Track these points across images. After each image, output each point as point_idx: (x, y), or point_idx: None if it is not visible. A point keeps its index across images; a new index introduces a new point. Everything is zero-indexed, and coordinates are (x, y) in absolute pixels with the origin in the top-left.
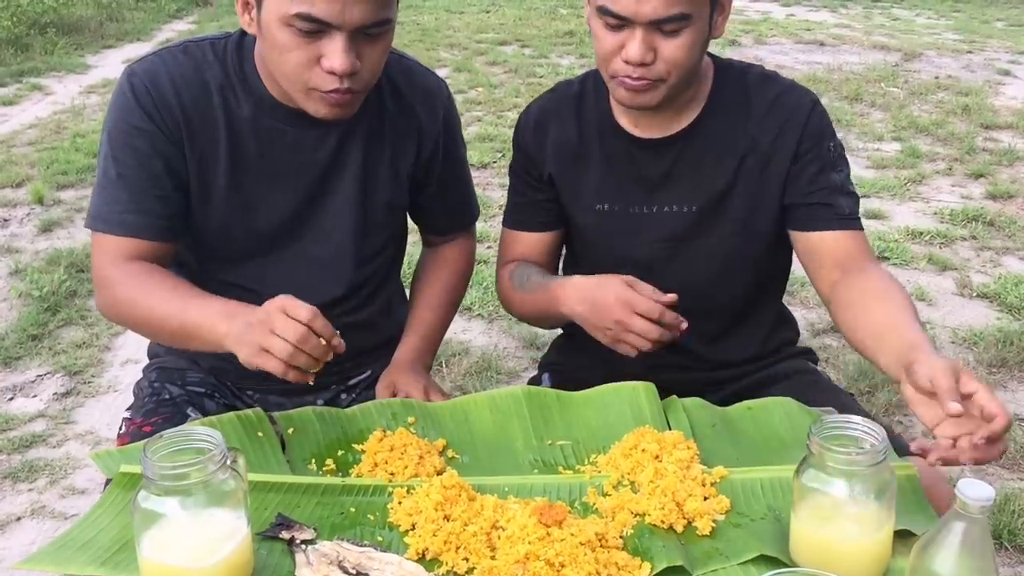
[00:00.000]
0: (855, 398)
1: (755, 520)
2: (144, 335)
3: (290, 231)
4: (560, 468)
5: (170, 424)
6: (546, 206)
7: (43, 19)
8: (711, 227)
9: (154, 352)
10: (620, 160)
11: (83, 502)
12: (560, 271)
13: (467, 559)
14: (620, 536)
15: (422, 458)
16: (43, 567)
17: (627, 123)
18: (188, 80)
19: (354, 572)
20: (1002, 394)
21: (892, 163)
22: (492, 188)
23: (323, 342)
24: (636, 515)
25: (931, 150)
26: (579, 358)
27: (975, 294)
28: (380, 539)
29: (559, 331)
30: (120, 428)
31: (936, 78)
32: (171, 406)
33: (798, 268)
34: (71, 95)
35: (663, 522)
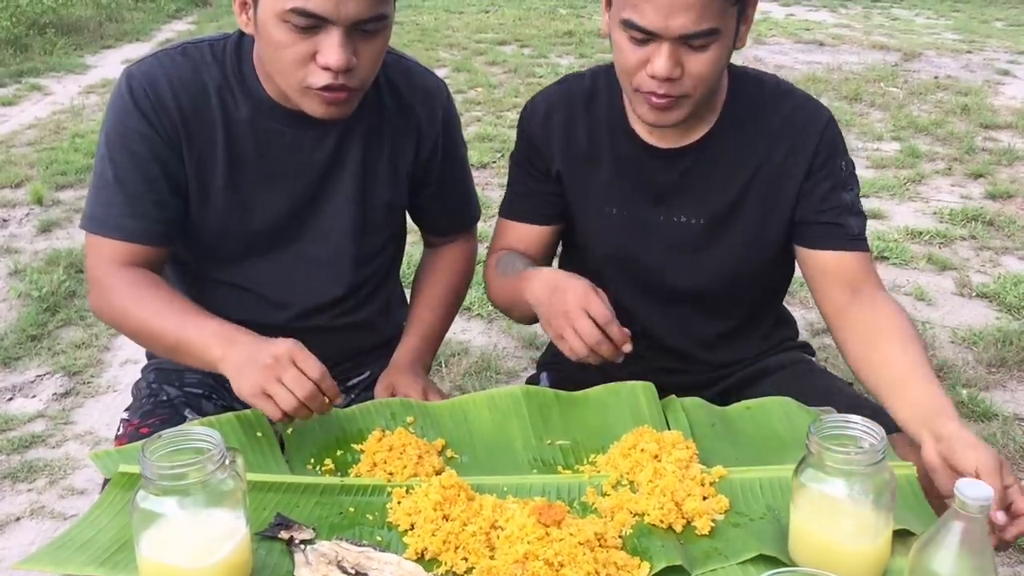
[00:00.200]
0: (853, 385)
1: (754, 520)
2: (137, 343)
3: (289, 231)
4: (559, 468)
5: (168, 425)
6: (549, 199)
7: (42, 19)
8: (719, 239)
9: (152, 353)
10: (630, 166)
11: (82, 502)
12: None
13: (466, 559)
14: (619, 536)
15: (421, 458)
16: (42, 567)
17: (640, 129)
18: (186, 82)
19: (353, 572)
20: (1001, 394)
21: (891, 163)
22: (492, 188)
23: (326, 400)
24: (635, 515)
25: (930, 150)
26: None
27: (974, 294)
28: (379, 539)
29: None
30: (118, 429)
31: (935, 78)
32: (169, 407)
33: (799, 269)
34: (70, 95)
35: (662, 522)
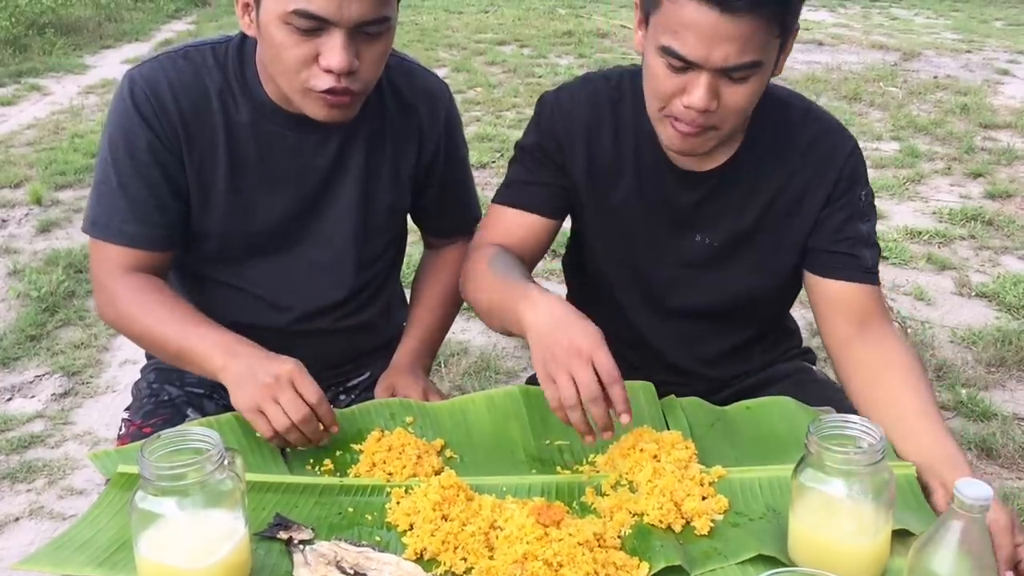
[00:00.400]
0: None
1: (753, 520)
2: (142, 348)
3: (291, 235)
4: (558, 468)
5: (170, 425)
6: (559, 192)
7: (41, 19)
8: (731, 261)
9: (151, 353)
10: (651, 184)
11: (81, 502)
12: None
13: (465, 559)
14: (618, 536)
15: (420, 458)
16: (41, 567)
17: (665, 146)
18: (187, 86)
19: (352, 572)
20: (1001, 393)
21: (891, 163)
22: (491, 188)
23: (321, 427)
24: (634, 515)
25: (930, 149)
26: None
27: (974, 293)
28: (378, 539)
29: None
30: (120, 429)
31: (935, 77)
32: (170, 407)
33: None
34: (69, 95)
35: (661, 522)
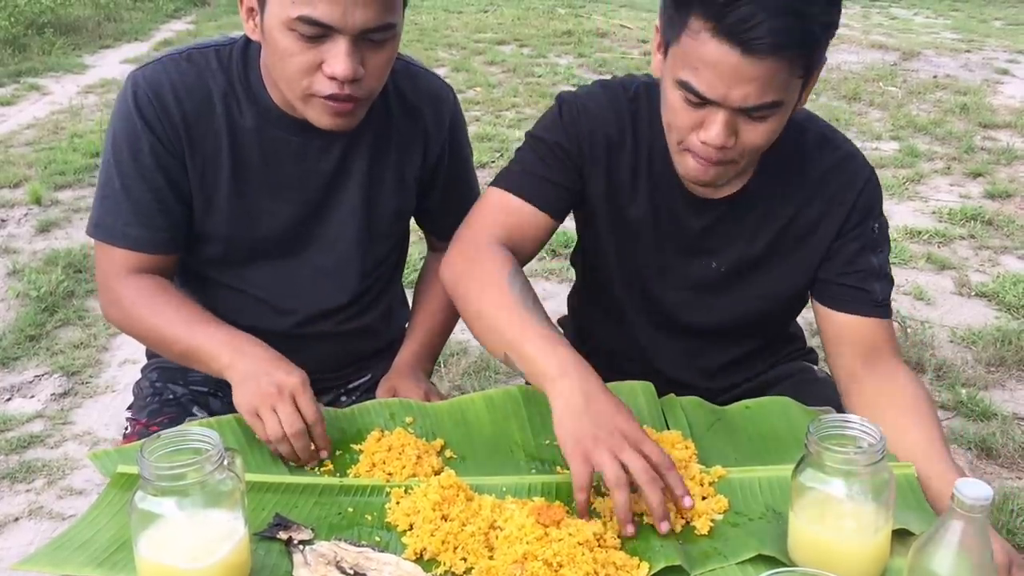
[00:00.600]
0: None
1: (753, 519)
2: (150, 348)
3: (294, 240)
4: (558, 468)
5: (176, 423)
6: (568, 195)
7: (41, 19)
8: (739, 286)
9: (153, 352)
10: (663, 208)
11: (81, 503)
12: (571, 291)
13: (465, 559)
14: (618, 536)
15: (420, 458)
16: (40, 567)
17: (682, 175)
18: (191, 89)
19: (352, 572)
20: (1000, 393)
21: (890, 162)
22: None
23: (312, 447)
24: (634, 515)
25: (929, 149)
26: None
27: (973, 293)
28: (378, 539)
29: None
30: (126, 428)
31: (934, 77)
32: (176, 405)
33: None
34: (69, 95)
35: None
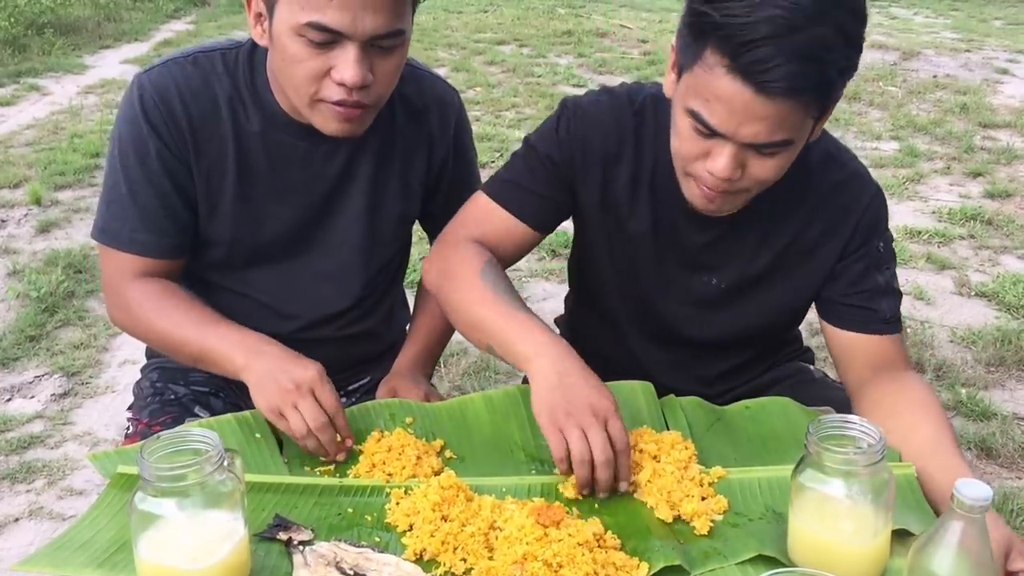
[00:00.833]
0: None
1: (753, 520)
2: (160, 351)
3: (298, 244)
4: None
5: (179, 423)
6: (555, 207)
7: (40, 19)
8: (739, 302)
9: (153, 352)
10: (663, 218)
11: (81, 503)
12: (569, 294)
13: (465, 560)
14: (618, 536)
15: (420, 458)
16: (40, 568)
17: (688, 200)
18: (196, 93)
19: (351, 573)
20: (1000, 393)
21: (890, 162)
22: None
23: (338, 437)
24: (634, 511)
25: (929, 149)
26: None
27: (973, 293)
28: (377, 540)
29: (556, 332)
30: (127, 428)
31: (934, 77)
32: (177, 406)
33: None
34: (69, 95)
35: (662, 522)
